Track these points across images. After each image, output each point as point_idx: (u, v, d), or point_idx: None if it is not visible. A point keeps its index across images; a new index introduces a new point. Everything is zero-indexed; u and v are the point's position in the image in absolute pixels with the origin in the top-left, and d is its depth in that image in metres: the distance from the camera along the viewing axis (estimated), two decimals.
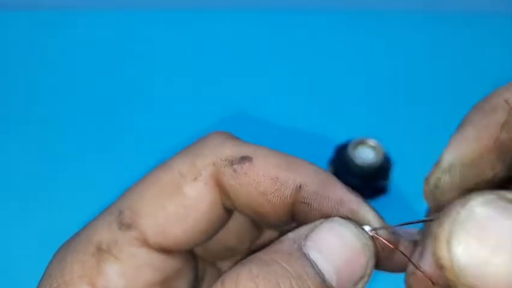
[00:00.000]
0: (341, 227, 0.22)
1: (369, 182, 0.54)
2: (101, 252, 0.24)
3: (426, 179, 0.24)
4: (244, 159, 0.25)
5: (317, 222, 0.23)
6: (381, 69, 0.66)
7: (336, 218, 0.23)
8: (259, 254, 0.22)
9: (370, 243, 0.23)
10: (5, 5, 0.70)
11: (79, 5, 0.71)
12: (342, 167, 0.54)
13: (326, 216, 0.23)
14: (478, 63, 0.66)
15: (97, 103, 0.62)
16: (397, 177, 0.55)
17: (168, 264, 0.26)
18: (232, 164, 0.25)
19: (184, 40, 0.68)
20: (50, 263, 0.25)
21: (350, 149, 0.54)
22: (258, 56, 0.67)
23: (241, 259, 0.31)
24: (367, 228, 0.23)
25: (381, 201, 0.55)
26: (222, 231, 0.29)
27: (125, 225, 0.25)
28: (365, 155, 0.54)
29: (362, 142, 0.54)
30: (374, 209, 0.25)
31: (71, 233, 0.26)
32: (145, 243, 0.25)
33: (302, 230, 0.23)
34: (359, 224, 0.23)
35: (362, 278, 0.23)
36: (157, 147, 0.59)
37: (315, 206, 0.24)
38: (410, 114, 0.62)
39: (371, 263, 0.23)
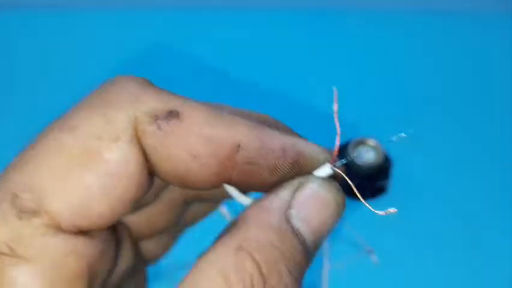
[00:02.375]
0: (321, 190, 0.23)
1: (369, 182, 0.54)
2: (1, 257, 0.19)
3: None
4: (172, 114, 0.21)
5: (295, 183, 0.22)
6: (381, 69, 0.66)
7: (315, 179, 0.23)
8: (253, 232, 0.21)
9: (343, 202, 0.23)
10: (5, 5, 0.70)
11: (79, 5, 0.71)
12: (342, 166, 0.54)
13: (273, 170, 0.22)
14: (478, 63, 0.67)
15: None
16: (397, 177, 0.55)
17: (91, 246, 0.21)
18: (156, 121, 0.21)
19: (185, 40, 0.68)
20: None
21: (350, 149, 0.54)
22: (257, 56, 0.67)
23: (169, 236, 0.29)
24: (329, 167, 0.24)
25: (381, 201, 0.55)
26: (146, 208, 0.27)
27: (28, 213, 0.19)
28: (365, 154, 0.54)
29: (362, 142, 0.55)
30: (313, 144, 0.25)
31: None
32: (59, 228, 0.20)
33: (283, 194, 0.22)
34: (332, 177, 0.24)
35: (330, 232, 0.23)
36: None
37: (261, 162, 0.22)
38: (410, 114, 0.62)
39: (340, 219, 0.23)
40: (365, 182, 0.54)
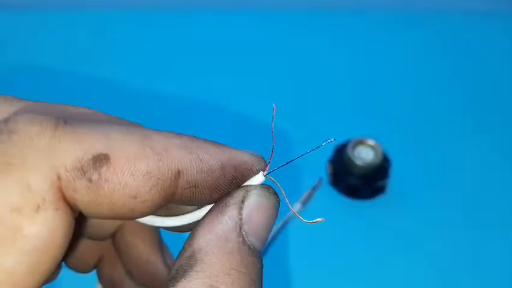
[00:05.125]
0: (263, 199, 0.22)
1: (368, 182, 0.54)
2: None
3: None
4: (100, 159, 0.18)
5: (239, 198, 0.22)
6: (380, 69, 0.66)
7: (255, 190, 0.22)
8: (218, 265, 0.20)
9: (279, 202, 0.23)
10: (5, 5, 0.70)
11: (79, 5, 0.72)
12: (342, 166, 0.55)
13: (215, 189, 0.22)
14: (477, 63, 0.67)
15: (96, 103, 0.62)
16: (396, 177, 0.56)
17: None
18: (85, 174, 0.18)
19: (186, 40, 0.68)
20: None
21: (349, 149, 0.54)
22: (257, 57, 0.67)
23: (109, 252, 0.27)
24: (261, 176, 0.23)
25: (380, 200, 0.55)
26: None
27: None
28: (364, 154, 0.54)
29: (361, 142, 0.55)
30: (245, 153, 0.23)
31: None
32: None
33: (232, 213, 0.21)
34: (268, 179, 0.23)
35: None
36: None
37: (203, 185, 0.21)
38: (409, 114, 0.62)
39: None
40: (364, 181, 0.54)
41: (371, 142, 0.54)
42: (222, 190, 0.22)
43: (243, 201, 0.21)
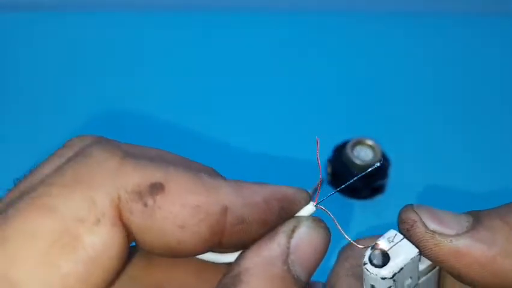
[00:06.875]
0: (313, 232, 0.23)
1: (368, 182, 0.54)
2: None
3: None
4: (156, 188, 0.20)
5: (290, 227, 0.23)
6: (379, 69, 0.66)
7: (306, 222, 0.23)
8: (255, 284, 0.21)
9: (330, 237, 0.24)
10: (6, 5, 0.70)
11: (79, 5, 0.72)
12: (341, 166, 0.55)
13: (263, 223, 0.23)
14: (477, 63, 0.67)
15: (96, 103, 0.62)
16: (395, 177, 0.56)
17: None
18: (141, 198, 0.20)
19: (187, 41, 0.68)
20: None
21: (348, 149, 0.54)
22: (256, 57, 0.67)
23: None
24: (312, 206, 0.25)
25: (379, 200, 0.55)
26: None
27: None
28: (363, 154, 0.54)
29: (360, 142, 0.55)
30: (286, 187, 0.24)
31: None
32: None
33: (281, 240, 0.22)
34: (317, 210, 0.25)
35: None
36: None
37: (251, 220, 0.22)
38: (408, 114, 0.62)
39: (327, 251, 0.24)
40: (363, 181, 0.54)
41: (370, 142, 0.55)
42: (270, 224, 0.23)
43: (293, 231, 0.23)
